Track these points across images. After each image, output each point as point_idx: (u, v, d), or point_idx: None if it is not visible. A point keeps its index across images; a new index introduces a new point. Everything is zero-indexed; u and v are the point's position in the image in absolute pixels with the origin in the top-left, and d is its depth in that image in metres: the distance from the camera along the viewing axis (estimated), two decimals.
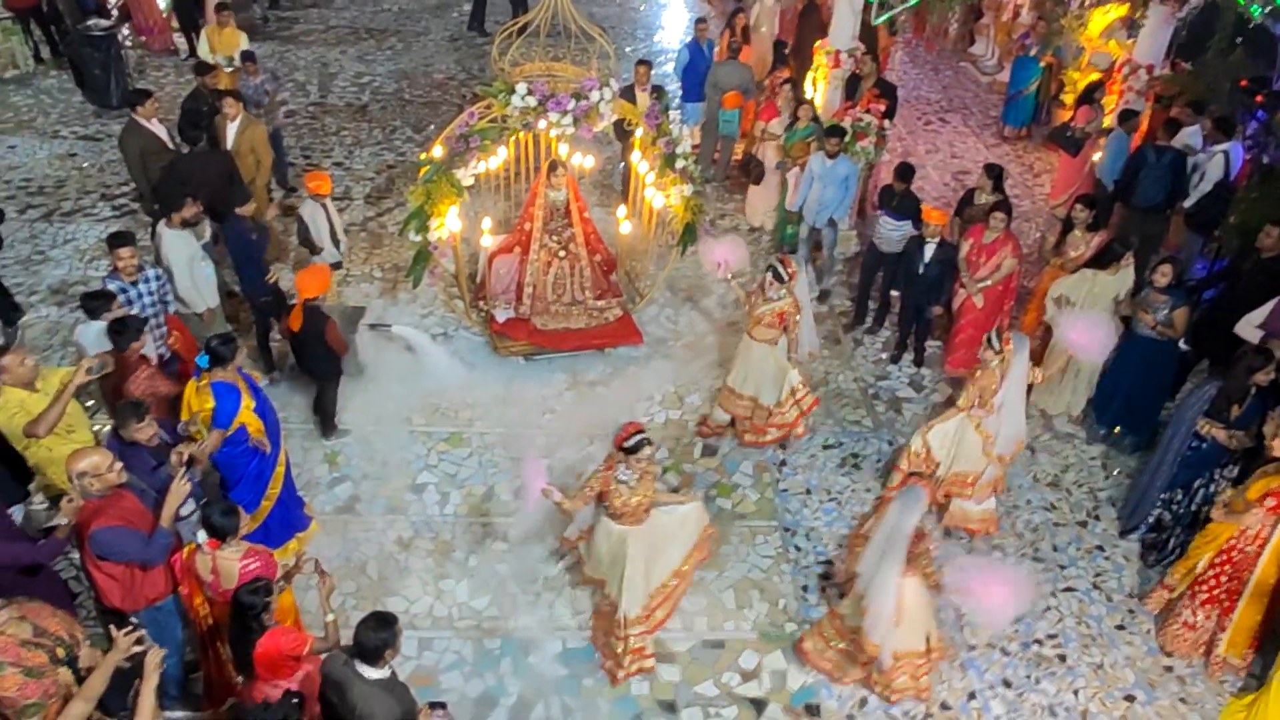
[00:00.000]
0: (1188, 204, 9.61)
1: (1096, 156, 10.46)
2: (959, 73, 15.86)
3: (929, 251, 8.44)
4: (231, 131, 9.39)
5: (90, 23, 13.00)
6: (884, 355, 9.35)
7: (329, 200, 8.61)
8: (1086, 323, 6.98)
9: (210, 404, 6.03)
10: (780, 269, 7.35)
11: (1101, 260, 8.04)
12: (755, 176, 11.04)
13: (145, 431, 5.60)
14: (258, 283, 8.14)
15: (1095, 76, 12.23)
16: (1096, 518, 7.67)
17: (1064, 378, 8.42)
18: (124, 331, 6.35)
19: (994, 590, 5.46)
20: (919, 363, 9.15)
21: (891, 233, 9.04)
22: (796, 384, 7.68)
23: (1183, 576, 6.61)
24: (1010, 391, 6.85)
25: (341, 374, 7.86)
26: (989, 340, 6.87)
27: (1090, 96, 11.29)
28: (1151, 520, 7.28)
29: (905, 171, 8.98)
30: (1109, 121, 11.01)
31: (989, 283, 8.54)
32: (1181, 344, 7.83)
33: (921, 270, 8.53)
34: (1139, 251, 8.28)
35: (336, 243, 8.76)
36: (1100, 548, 7.42)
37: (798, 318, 7.54)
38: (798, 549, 7.27)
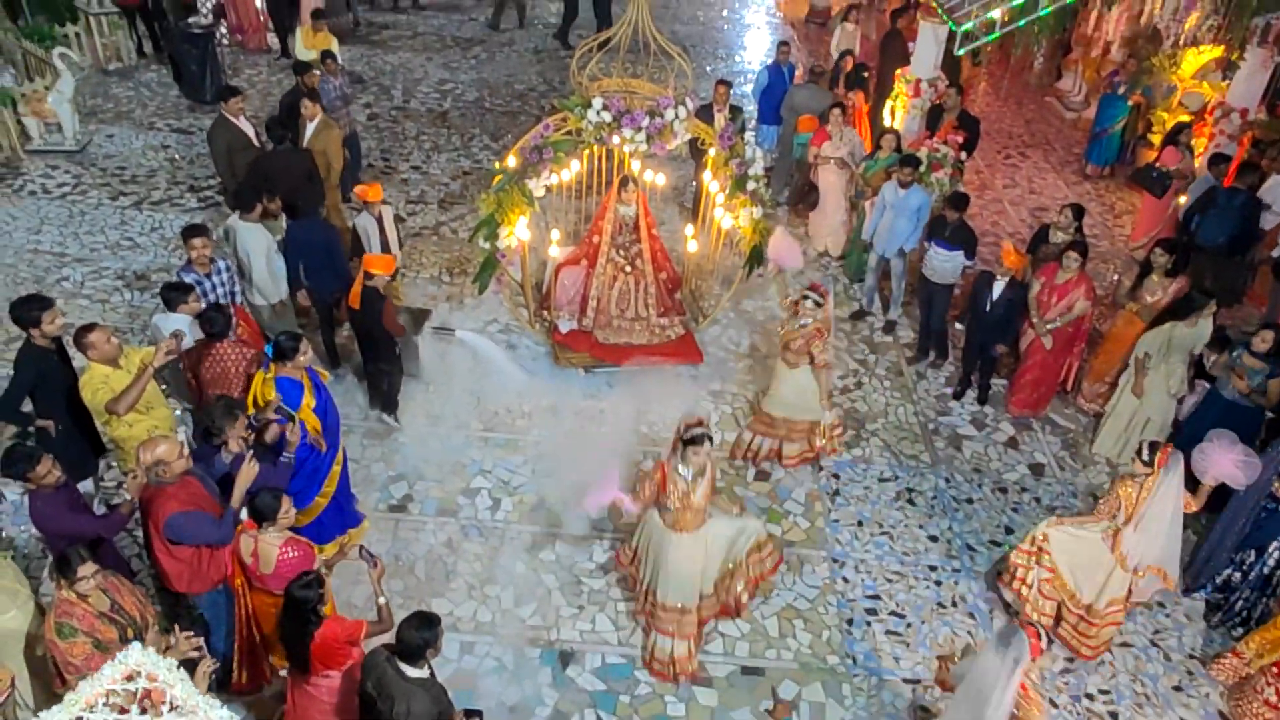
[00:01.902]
0: (1277, 252, 9.30)
1: (1181, 199, 10.18)
2: (1043, 107, 15.59)
3: (998, 289, 8.30)
4: (308, 132, 9.60)
5: (190, 20, 13.50)
6: (947, 390, 9.24)
7: (384, 208, 8.73)
8: (1228, 453, 6.25)
9: (274, 396, 6.15)
10: (815, 295, 7.28)
11: (1180, 310, 7.78)
12: (811, 201, 11.01)
13: (237, 435, 5.65)
14: (325, 281, 8.29)
15: (1185, 118, 11.98)
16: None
17: (1129, 426, 8.20)
18: (215, 320, 6.51)
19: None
20: (982, 400, 8.99)
21: (943, 263, 8.90)
22: (831, 422, 7.59)
23: (1261, 647, 6.30)
24: (1155, 508, 6.16)
25: (399, 361, 7.89)
26: (1141, 452, 6.23)
27: (1177, 138, 11.03)
28: (1219, 580, 7.05)
29: (959, 200, 8.86)
30: (1198, 164, 10.75)
31: (1058, 324, 8.36)
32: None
33: (988, 308, 8.38)
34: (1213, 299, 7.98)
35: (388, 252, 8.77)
36: (1161, 604, 7.20)
37: (827, 351, 7.37)
38: (845, 581, 7.17)
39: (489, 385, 8.60)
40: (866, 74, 12.01)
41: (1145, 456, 6.22)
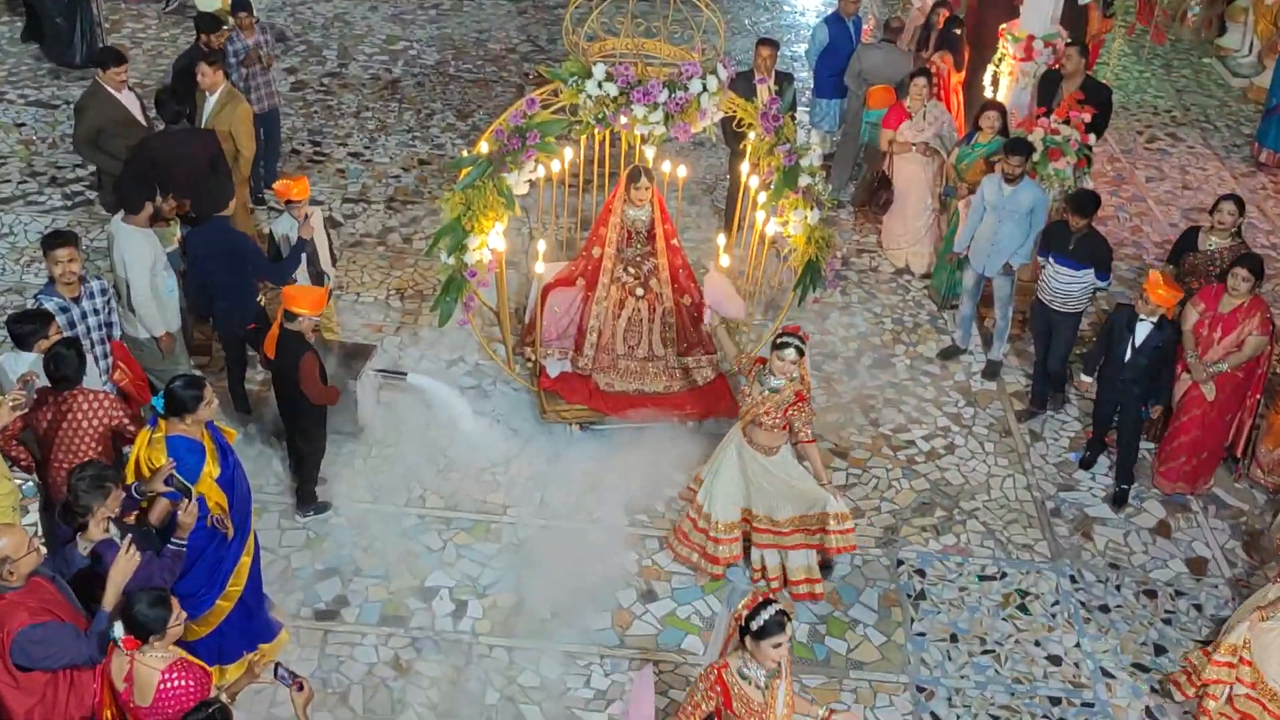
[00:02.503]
0: None
1: None
2: (1200, 73, 15.71)
3: (1142, 332, 8.29)
4: (208, 107, 9.70)
5: None
6: (1071, 456, 9.23)
7: (313, 210, 8.77)
8: None
9: (165, 462, 6.13)
10: (795, 341, 7.12)
11: None
12: (884, 201, 11.10)
13: (104, 516, 5.65)
14: (233, 307, 8.33)
15: None
16: None
17: None
18: (65, 361, 6.51)
19: None
20: (1123, 477, 8.90)
21: (1066, 285, 8.95)
22: (837, 511, 7.36)
23: None
24: None
25: (325, 427, 7.97)
26: None
27: None
28: None
29: (1085, 202, 8.94)
30: None
31: (1225, 367, 8.37)
32: None
33: (1128, 356, 8.38)
34: None
35: (317, 274, 8.82)
36: None
37: (809, 417, 7.32)
38: (935, 718, 7.13)
39: (452, 447, 8.60)
40: (960, 30, 12.01)
41: None
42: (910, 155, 10.67)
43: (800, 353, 7.12)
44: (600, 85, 7.64)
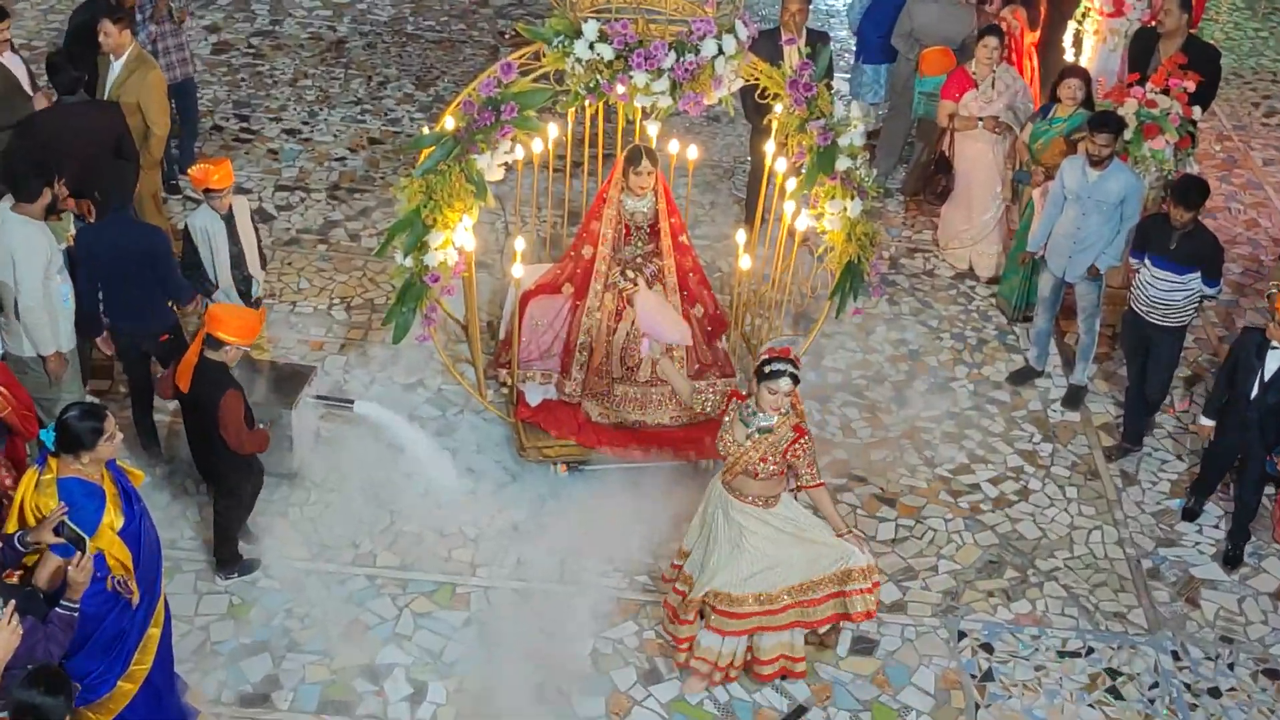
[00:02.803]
0: None
1: None
2: None
3: (1273, 362, 8.25)
4: (112, 74, 9.69)
5: None
6: (1172, 504, 9.21)
7: (238, 201, 8.81)
8: None
9: (55, 508, 6.07)
10: (784, 366, 7.02)
11: None
12: (940, 189, 11.13)
13: None
14: (141, 319, 8.33)
15: None
16: None
17: None
18: None
19: None
20: (1237, 535, 8.85)
21: (1167, 292, 8.94)
22: (862, 566, 7.34)
23: None
24: None
25: (253, 474, 7.98)
26: None
27: None
28: None
29: (1189, 190, 8.89)
30: None
31: None
32: None
33: (1256, 391, 8.30)
34: None
35: (244, 279, 8.87)
36: None
37: (814, 455, 7.28)
38: None
39: (408, 493, 8.61)
40: None
41: None
42: (975, 132, 10.67)
43: (795, 380, 7.05)
44: (592, 47, 7.62)
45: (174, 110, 10.64)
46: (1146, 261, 9.04)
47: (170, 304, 8.48)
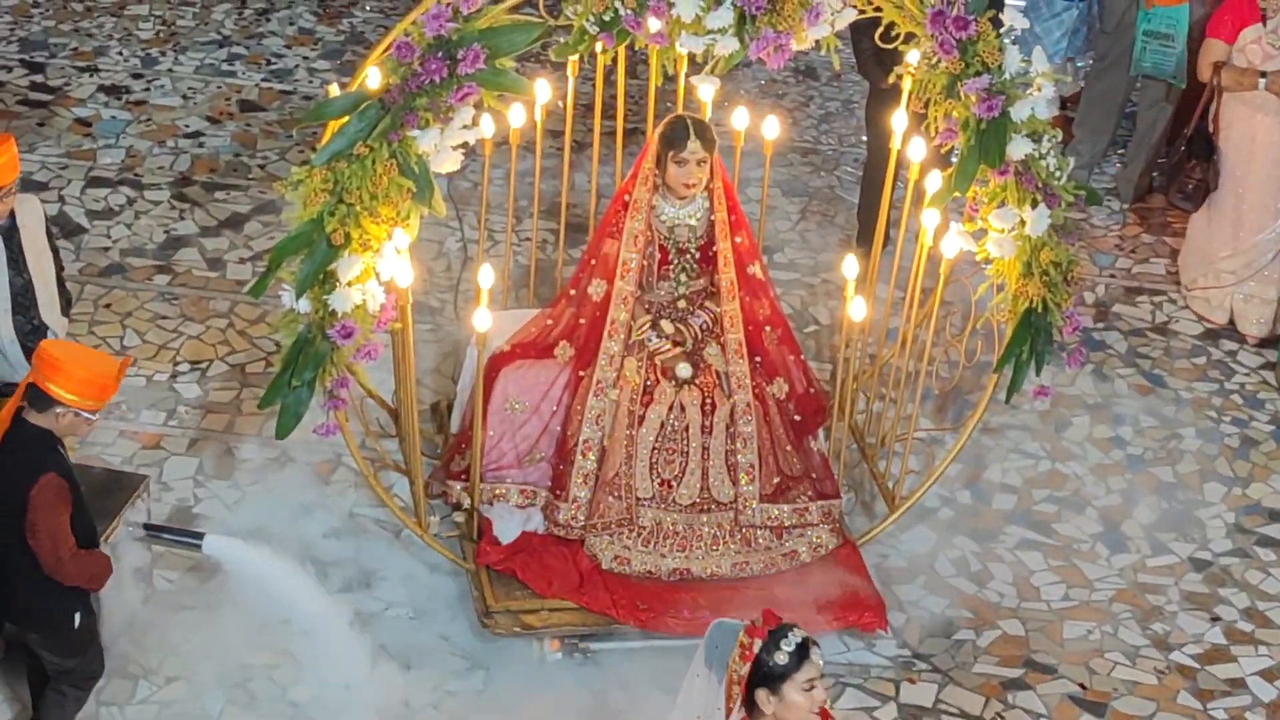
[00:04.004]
0: None
1: None
2: None
3: None
4: None
5: None
6: None
7: (27, 203, 8.37)
8: None
9: None
10: (814, 645, 6.23)
11: None
12: (1193, 188, 10.57)
13: None
14: None
15: None
16: None
17: None
18: None
19: None
20: None
21: None
22: None
23: None
24: None
25: (85, 619, 7.36)
26: None
27: None
28: None
29: None
30: None
31: None
32: None
33: None
34: None
35: (32, 329, 8.33)
36: None
37: None
38: None
39: (293, 689, 7.96)
40: None
41: None
42: (1255, 98, 10.21)
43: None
44: None
45: None
46: None
47: None
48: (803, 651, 5.90)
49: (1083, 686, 8.36)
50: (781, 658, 5.79)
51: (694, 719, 6.30)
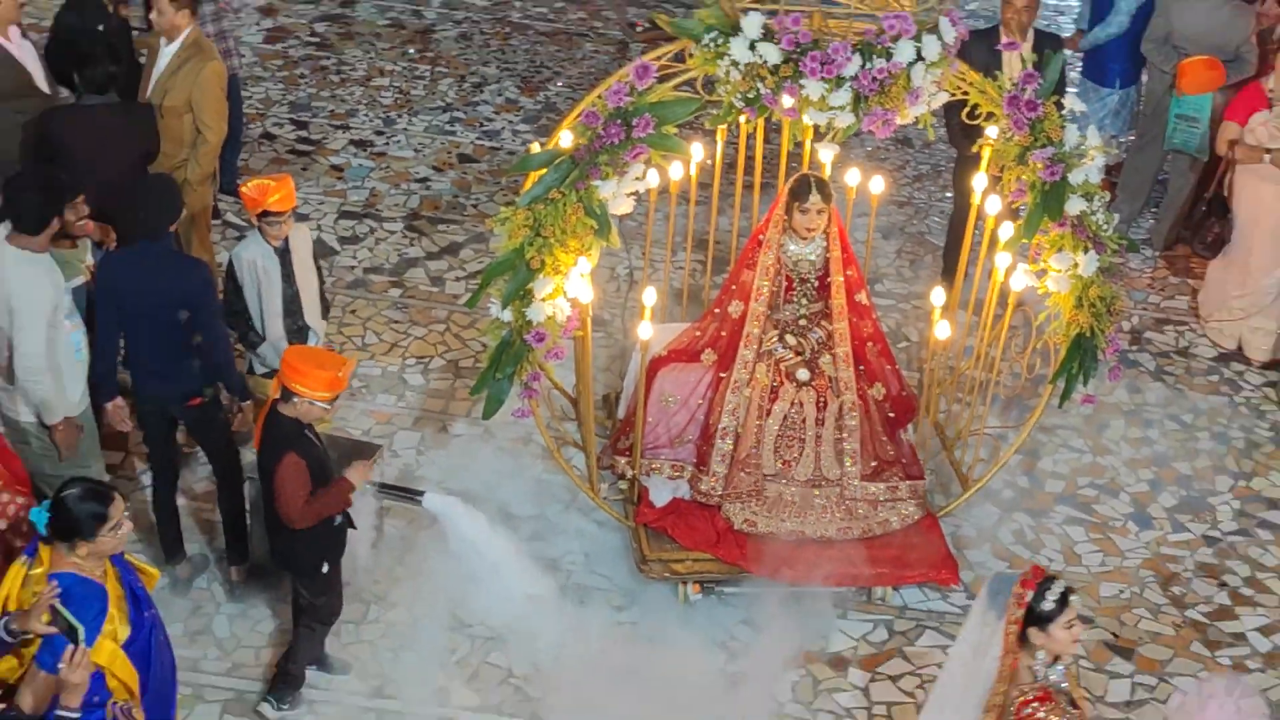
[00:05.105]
0: None
1: None
2: None
3: None
4: (160, 65, 9.80)
5: None
6: None
7: (297, 230, 8.96)
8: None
9: (45, 589, 6.13)
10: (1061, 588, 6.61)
11: None
12: (1211, 240, 11.19)
13: None
14: (173, 377, 8.31)
15: None
16: None
17: None
18: None
19: None
20: None
21: None
22: None
23: None
24: None
25: (337, 570, 8.03)
26: None
27: None
28: None
29: None
30: None
31: None
32: None
33: None
34: None
35: (298, 330, 9.01)
36: None
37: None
38: None
39: (493, 616, 8.66)
40: None
41: None
42: (1262, 169, 10.58)
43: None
44: (753, 47, 7.62)
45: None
46: None
47: (208, 388, 8.44)
48: (1064, 598, 6.42)
49: (1115, 635, 8.92)
50: (1049, 603, 6.38)
51: (973, 647, 6.77)
